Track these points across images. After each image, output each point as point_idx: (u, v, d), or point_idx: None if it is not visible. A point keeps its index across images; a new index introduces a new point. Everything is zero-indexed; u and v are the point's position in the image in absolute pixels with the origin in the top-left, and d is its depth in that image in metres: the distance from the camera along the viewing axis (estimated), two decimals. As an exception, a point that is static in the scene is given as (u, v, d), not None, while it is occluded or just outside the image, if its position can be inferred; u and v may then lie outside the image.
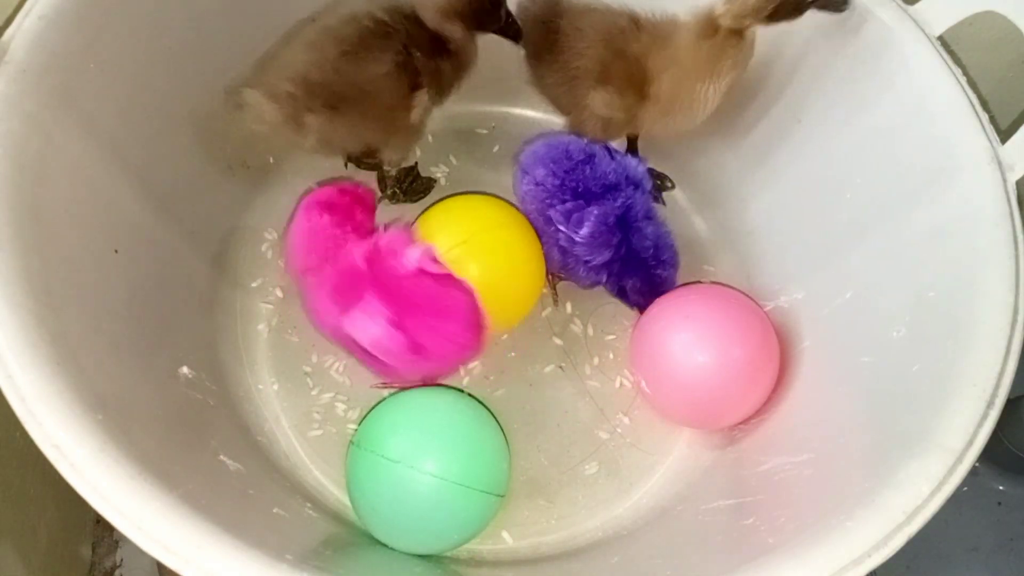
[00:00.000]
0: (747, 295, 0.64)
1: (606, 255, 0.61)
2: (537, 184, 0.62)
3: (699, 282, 0.68)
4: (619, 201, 0.60)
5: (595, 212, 0.60)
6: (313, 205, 0.59)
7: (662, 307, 0.62)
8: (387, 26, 0.57)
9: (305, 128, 0.56)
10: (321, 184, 0.66)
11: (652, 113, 0.61)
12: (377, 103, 0.58)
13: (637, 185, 0.61)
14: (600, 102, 0.61)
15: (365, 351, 0.56)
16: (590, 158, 0.62)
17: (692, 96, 0.59)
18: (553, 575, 0.58)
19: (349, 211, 0.59)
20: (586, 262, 0.61)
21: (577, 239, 0.60)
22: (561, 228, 0.61)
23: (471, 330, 0.57)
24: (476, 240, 0.60)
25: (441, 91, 0.61)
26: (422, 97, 0.59)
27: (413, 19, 0.58)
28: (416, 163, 0.72)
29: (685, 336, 0.60)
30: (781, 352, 0.61)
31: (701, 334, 0.59)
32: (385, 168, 0.68)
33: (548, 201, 0.61)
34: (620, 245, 0.61)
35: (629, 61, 0.60)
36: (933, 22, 0.54)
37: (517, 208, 0.64)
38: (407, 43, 0.57)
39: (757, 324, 0.60)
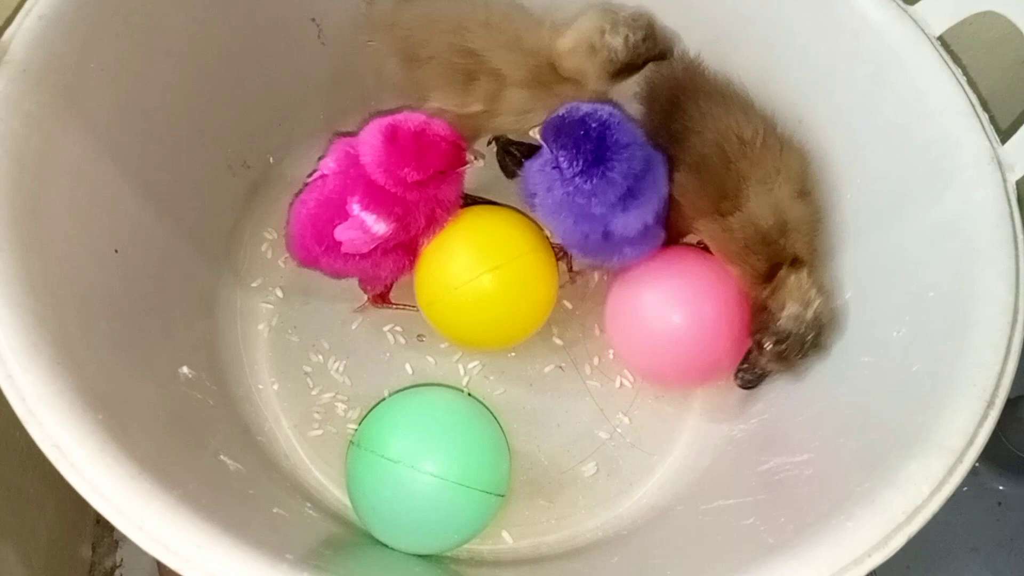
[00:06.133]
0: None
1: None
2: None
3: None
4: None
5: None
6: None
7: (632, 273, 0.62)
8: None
9: None
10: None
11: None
12: None
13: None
14: (678, 185, 0.58)
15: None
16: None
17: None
18: (553, 575, 0.58)
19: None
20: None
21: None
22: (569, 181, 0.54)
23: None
24: (508, 267, 0.58)
25: None
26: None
27: None
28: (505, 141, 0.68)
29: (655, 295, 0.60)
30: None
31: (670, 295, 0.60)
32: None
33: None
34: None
35: (731, 176, 0.57)
36: (933, 22, 0.54)
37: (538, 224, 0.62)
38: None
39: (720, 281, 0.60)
